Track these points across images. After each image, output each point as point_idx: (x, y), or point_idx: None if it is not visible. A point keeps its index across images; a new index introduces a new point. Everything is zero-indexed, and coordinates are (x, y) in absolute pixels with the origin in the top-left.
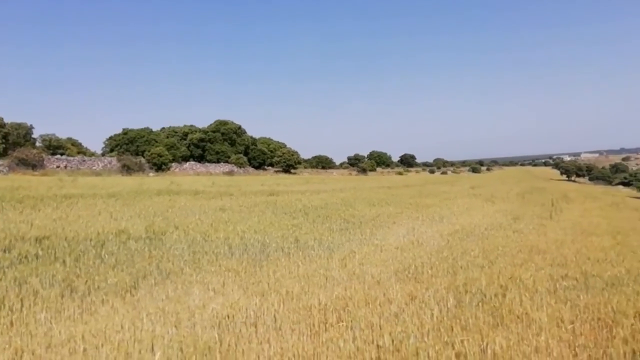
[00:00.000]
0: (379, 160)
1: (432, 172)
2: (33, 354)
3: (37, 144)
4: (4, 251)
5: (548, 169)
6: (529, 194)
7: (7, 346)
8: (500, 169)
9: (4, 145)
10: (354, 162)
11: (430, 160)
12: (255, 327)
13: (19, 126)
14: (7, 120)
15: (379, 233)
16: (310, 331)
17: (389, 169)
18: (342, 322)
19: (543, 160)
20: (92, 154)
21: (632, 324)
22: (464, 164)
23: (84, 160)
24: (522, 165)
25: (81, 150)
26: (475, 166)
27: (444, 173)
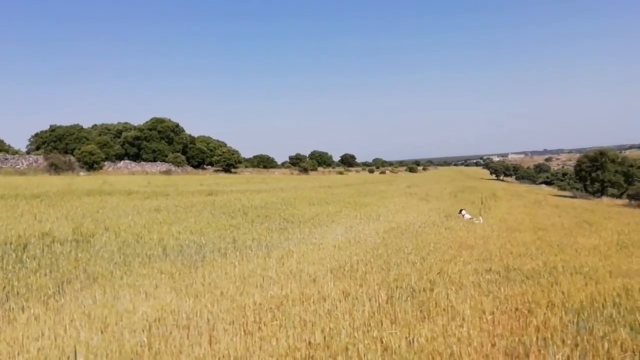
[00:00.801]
0: (320, 160)
1: (371, 171)
2: None
3: None
4: None
5: (479, 169)
6: (461, 193)
7: None
8: (435, 169)
9: None
10: (296, 162)
11: (370, 160)
12: (188, 329)
13: None
14: None
15: (317, 232)
16: (244, 331)
17: (330, 169)
18: (276, 320)
19: (474, 161)
20: (16, 152)
21: (544, 313)
22: (401, 163)
23: (6, 159)
24: (455, 165)
25: (3, 148)
26: (412, 166)
27: (382, 173)
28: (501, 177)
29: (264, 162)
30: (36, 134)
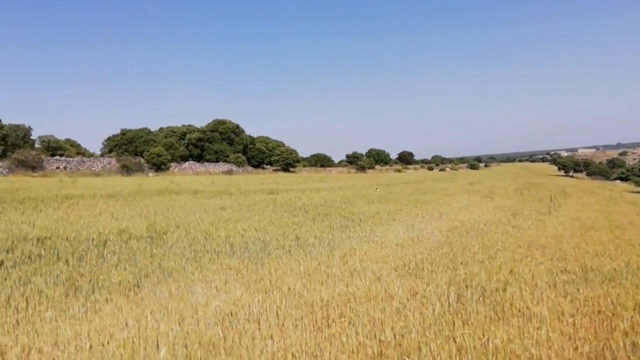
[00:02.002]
0: (377, 158)
1: (430, 169)
2: (40, 351)
3: (36, 145)
4: (7, 252)
5: (546, 165)
6: (527, 190)
7: (13, 344)
8: (498, 165)
9: (2, 147)
10: (353, 160)
11: (429, 158)
12: (259, 323)
13: (17, 127)
14: (5, 121)
15: (378, 230)
16: (313, 327)
17: (387, 167)
18: (345, 317)
19: (541, 156)
20: (91, 155)
21: (631, 317)
22: (461, 160)
23: (83, 161)
24: (519, 161)
25: (80, 151)
26: (473, 163)
27: (442, 170)
28: (570, 174)
29: (321, 161)
30: (109, 138)
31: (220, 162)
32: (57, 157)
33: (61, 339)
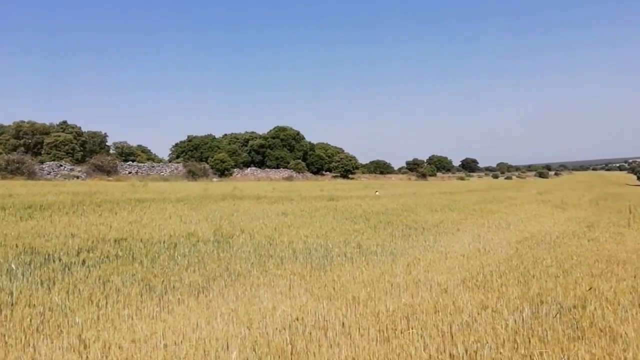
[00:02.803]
0: (439, 165)
1: (495, 177)
2: (120, 347)
3: (111, 151)
4: (88, 251)
5: (623, 174)
6: (603, 201)
7: (95, 339)
8: (569, 174)
9: (82, 153)
10: (413, 167)
11: (494, 165)
12: (325, 330)
13: (94, 134)
14: (85, 129)
15: (442, 240)
16: (380, 337)
17: (449, 174)
18: (412, 329)
19: (617, 164)
20: (160, 160)
21: None
22: (529, 168)
23: (152, 167)
24: (594, 169)
25: (150, 157)
26: (543, 171)
27: (508, 178)
28: None
29: (380, 168)
30: (176, 144)
31: (281, 168)
32: (130, 162)
33: (138, 336)
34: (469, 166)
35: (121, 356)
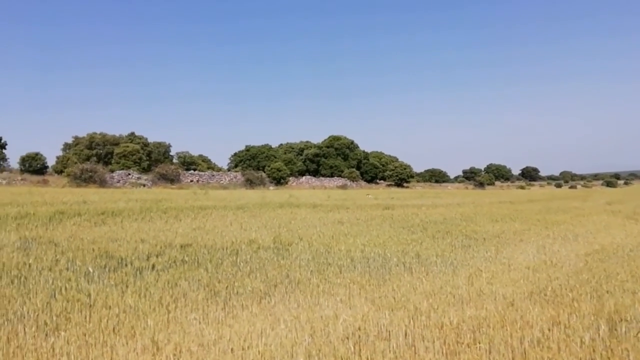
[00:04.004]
0: (498, 174)
1: (558, 186)
2: (189, 350)
3: (174, 160)
4: (157, 256)
5: None
6: None
7: (167, 342)
8: None
9: (148, 162)
10: (470, 176)
11: (556, 174)
12: (389, 341)
13: (159, 145)
14: (150, 139)
15: (505, 251)
16: (446, 350)
17: (508, 183)
18: (479, 343)
19: None
20: (220, 169)
21: None
22: (595, 177)
23: (213, 175)
24: None
25: (210, 166)
26: (611, 180)
27: (572, 187)
28: None
29: (435, 177)
30: (235, 154)
31: (335, 177)
32: (191, 171)
33: (206, 340)
34: (530, 175)
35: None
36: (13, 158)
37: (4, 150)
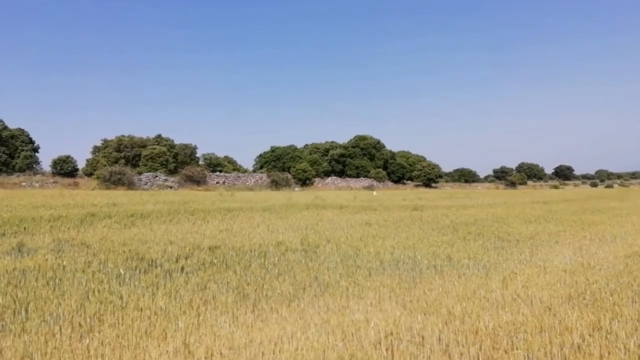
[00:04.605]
0: (530, 173)
1: (594, 185)
2: (220, 354)
3: (200, 162)
4: (186, 258)
5: None
6: None
7: (198, 344)
8: None
9: (174, 164)
10: (501, 175)
11: (592, 172)
12: (423, 346)
13: (185, 147)
14: (177, 142)
15: (540, 253)
16: (482, 356)
17: (541, 182)
18: (517, 349)
19: None
20: (245, 171)
21: None
22: (633, 176)
23: (238, 177)
24: None
25: (236, 167)
26: None
27: (609, 186)
28: None
29: (464, 176)
30: (260, 155)
31: (361, 178)
32: (217, 172)
33: (237, 343)
34: (563, 174)
35: None
36: (45, 161)
37: (36, 154)
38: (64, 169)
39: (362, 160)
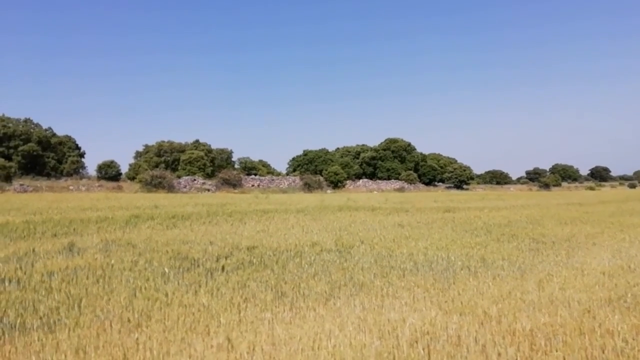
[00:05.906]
0: (564, 174)
1: (632, 186)
2: (262, 349)
3: (236, 166)
4: (225, 258)
5: None
6: None
7: (241, 340)
8: None
9: (211, 168)
10: (534, 177)
11: (629, 173)
12: (459, 347)
13: (222, 151)
14: (214, 146)
15: (576, 255)
16: (520, 357)
17: (576, 184)
18: (556, 351)
19: None
20: (279, 174)
21: None
22: None
23: (272, 180)
24: None
25: (270, 171)
26: None
27: None
28: None
29: (496, 178)
30: (293, 158)
31: (392, 180)
32: (252, 176)
33: (277, 340)
34: (600, 175)
35: (264, 358)
36: (91, 166)
37: (82, 159)
38: (109, 173)
39: (392, 162)
